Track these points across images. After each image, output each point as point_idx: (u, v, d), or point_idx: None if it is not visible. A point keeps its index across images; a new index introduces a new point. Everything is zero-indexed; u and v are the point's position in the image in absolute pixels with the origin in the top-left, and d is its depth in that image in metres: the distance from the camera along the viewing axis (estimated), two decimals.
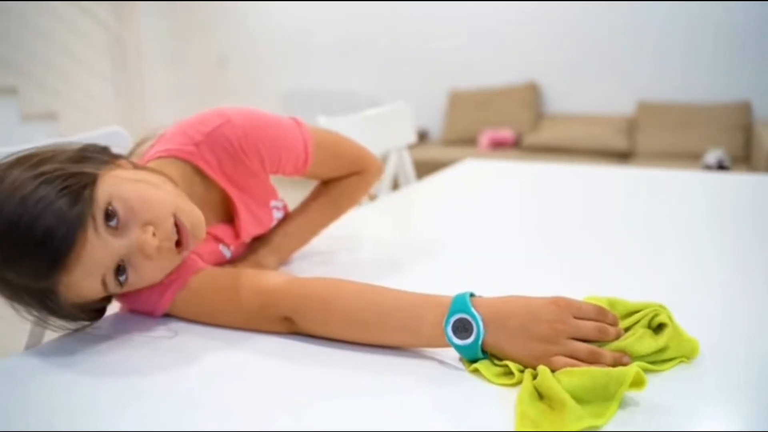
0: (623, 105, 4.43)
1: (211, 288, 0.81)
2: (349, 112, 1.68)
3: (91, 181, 0.72)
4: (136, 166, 0.82)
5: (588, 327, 0.66)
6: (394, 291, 0.74)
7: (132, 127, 2.35)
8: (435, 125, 4.97)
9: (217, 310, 0.81)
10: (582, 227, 1.27)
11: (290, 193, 1.10)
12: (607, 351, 0.65)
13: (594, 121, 4.40)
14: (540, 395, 0.61)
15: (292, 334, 0.77)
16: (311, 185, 1.08)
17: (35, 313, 0.74)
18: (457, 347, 0.68)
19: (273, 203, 0.99)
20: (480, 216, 1.38)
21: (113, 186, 0.74)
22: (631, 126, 4.29)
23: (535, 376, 0.63)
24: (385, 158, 1.71)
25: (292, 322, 0.76)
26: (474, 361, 0.67)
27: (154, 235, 0.74)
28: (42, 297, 0.71)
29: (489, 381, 0.65)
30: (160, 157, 0.86)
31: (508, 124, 4.55)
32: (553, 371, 0.62)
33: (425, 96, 4.99)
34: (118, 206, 0.73)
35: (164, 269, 0.79)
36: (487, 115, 4.64)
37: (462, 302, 0.68)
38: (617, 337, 0.67)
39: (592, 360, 0.64)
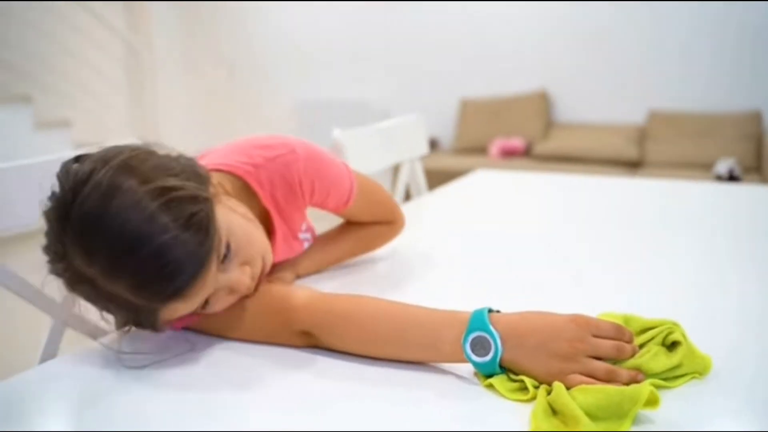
0: (634, 114, 4.43)
1: (232, 303, 0.82)
2: (360, 122, 1.70)
3: (211, 209, 0.72)
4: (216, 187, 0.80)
5: (606, 346, 0.67)
6: (414, 307, 0.75)
7: (144, 135, 2.37)
8: (446, 134, 4.98)
9: (237, 325, 0.81)
10: (594, 239, 1.27)
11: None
12: (623, 369, 0.66)
13: (605, 130, 4.40)
14: (554, 411, 0.62)
15: (309, 347, 0.79)
16: (331, 217, 1.09)
17: (118, 318, 0.75)
18: (475, 364, 0.69)
19: (302, 235, 1.02)
20: (492, 227, 1.38)
21: (227, 220, 0.74)
22: (642, 135, 4.28)
23: (549, 392, 0.64)
24: (397, 169, 1.73)
25: (311, 336, 0.78)
26: (490, 375, 0.68)
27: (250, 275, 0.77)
28: (141, 313, 0.71)
29: (504, 396, 0.66)
30: (217, 170, 0.87)
31: (519, 132, 4.55)
32: (568, 388, 0.63)
33: (436, 104, 5.00)
34: (232, 244, 0.75)
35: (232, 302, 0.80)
36: (498, 123, 4.65)
37: (480, 319, 0.69)
38: (633, 354, 0.68)
39: (609, 378, 0.65)
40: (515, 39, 4.76)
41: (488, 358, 0.68)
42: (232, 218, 0.76)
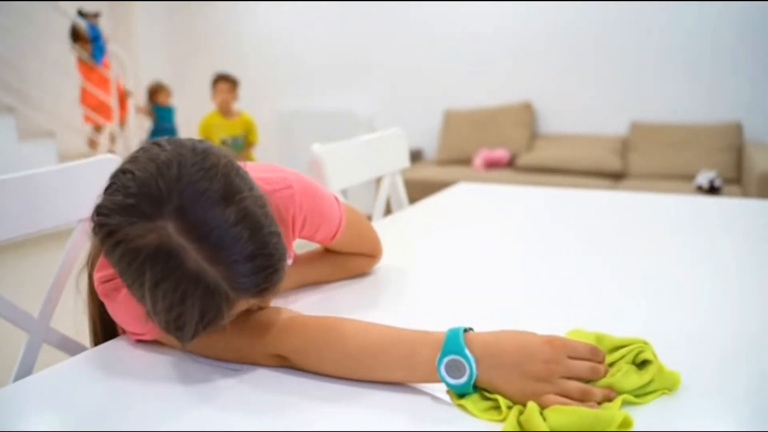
0: (617, 125, 4.47)
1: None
2: (344, 132, 1.70)
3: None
4: None
5: (582, 367, 0.68)
6: (388, 328, 0.76)
7: (130, 149, 2.37)
8: (430, 145, 5.00)
9: (209, 344, 0.80)
10: (574, 253, 1.28)
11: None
12: (596, 389, 0.67)
13: (588, 141, 4.43)
14: None
15: (281, 367, 0.78)
16: None
17: (163, 310, 0.69)
18: (450, 386, 0.69)
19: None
20: (472, 241, 1.39)
21: None
22: (624, 146, 4.32)
23: (522, 413, 0.65)
24: (378, 182, 1.73)
25: (285, 358, 0.77)
26: (462, 395, 0.69)
27: None
28: (214, 304, 0.68)
29: (476, 416, 0.66)
30: None
31: (503, 143, 4.58)
32: (543, 409, 0.64)
33: (420, 115, 5.03)
34: None
35: None
36: (482, 134, 4.67)
37: (455, 341, 0.69)
38: (605, 374, 0.69)
39: (583, 398, 0.66)
40: (500, 51, 4.80)
41: (463, 380, 0.68)
42: None
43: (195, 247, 0.66)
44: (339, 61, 5.36)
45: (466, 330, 0.71)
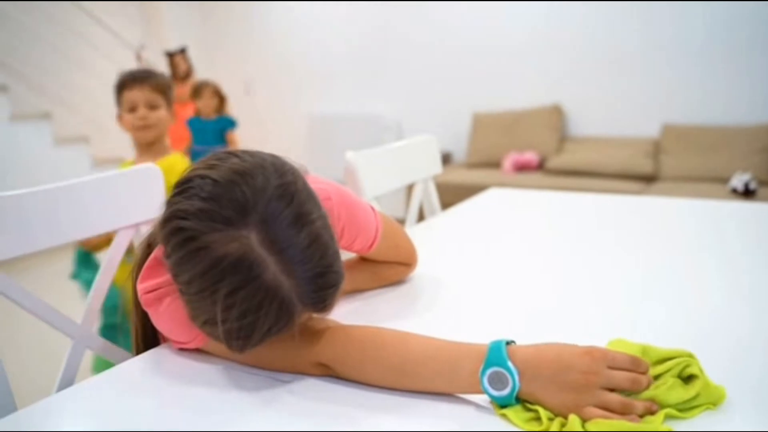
0: (648, 127, 4.42)
1: None
2: (373, 136, 1.70)
3: None
4: None
5: (621, 377, 0.67)
6: (431, 339, 0.76)
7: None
8: (459, 148, 4.99)
9: (255, 351, 0.79)
10: (609, 260, 1.27)
11: None
12: (638, 402, 0.67)
13: (619, 144, 4.39)
14: None
15: (324, 376, 0.79)
16: None
17: (234, 321, 0.70)
18: (492, 397, 0.69)
19: None
20: (506, 248, 1.39)
21: None
22: (656, 149, 4.27)
23: (564, 425, 0.65)
24: (411, 188, 1.74)
25: (328, 367, 0.78)
26: (504, 406, 0.69)
27: None
28: (286, 315, 0.71)
29: (518, 426, 0.67)
30: None
31: (533, 146, 4.56)
32: (584, 421, 0.64)
33: (449, 118, 5.02)
34: None
35: None
36: (511, 137, 4.66)
37: (498, 354, 0.69)
38: (648, 386, 0.68)
39: (624, 411, 0.65)
40: (528, 53, 4.77)
41: (506, 392, 0.68)
42: None
43: (274, 260, 0.69)
44: (367, 65, 5.37)
45: (508, 343, 0.71)
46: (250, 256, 0.68)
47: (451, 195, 2.82)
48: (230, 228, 0.68)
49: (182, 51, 5.01)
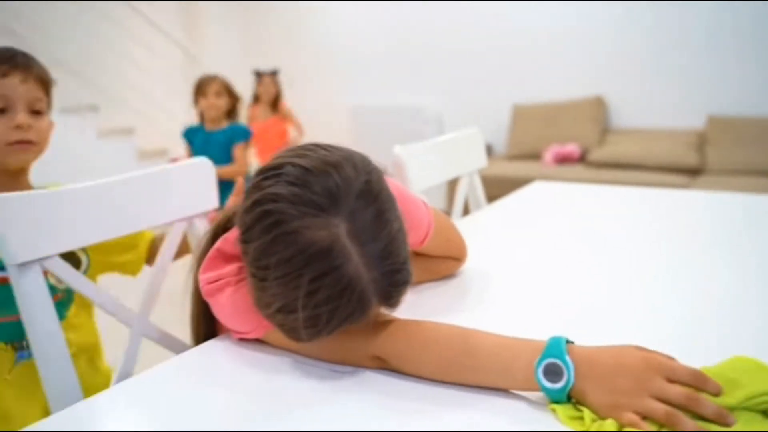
0: (693, 119, 4.34)
1: None
2: (413, 128, 1.72)
3: None
4: None
5: (674, 391, 0.64)
6: (488, 335, 0.77)
7: None
8: (499, 140, 4.97)
9: (314, 342, 0.81)
10: (657, 255, 1.26)
11: None
12: (687, 418, 0.62)
13: (662, 136, 4.33)
14: None
15: (380, 369, 0.81)
16: None
17: (310, 311, 0.72)
18: (545, 389, 0.69)
19: None
20: (552, 242, 1.39)
21: None
22: (701, 140, 4.19)
23: (601, 427, 0.64)
24: (455, 182, 1.75)
25: (383, 360, 0.80)
26: (556, 402, 0.70)
27: None
28: (361, 307, 0.73)
29: (563, 422, 0.67)
30: None
31: (574, 138, 4.51)
32: (621, 426, 0.63)
33: (490, 110, 5.00)
34: None
35: None
36: (552, 129, 4.62)
37: (557, 347, 0.69)
38: (712, 411, 0.63)
39: (668, 422, 0.62)
40: (570, 44, 4.72)
41: (559, 385, 0.68)
42: None
43: (358, 251, 0.71)
44: (409, 57, 5.37)
45: (567, 341, 0.71)
46: (338, 244, 0.70)
47: (492, 187, 2.81)
48: (321, 215, 0.70)
49: (273, 73, 4.62)
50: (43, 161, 1.33)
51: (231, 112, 3.31)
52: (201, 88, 3.29)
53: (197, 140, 3.30)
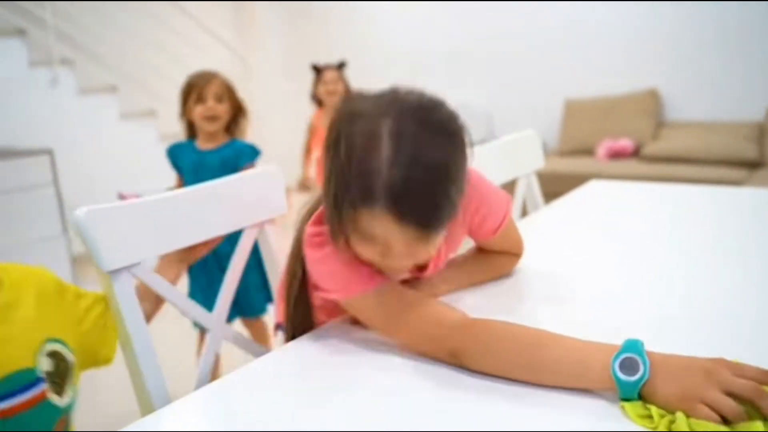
0: (751, 110, 4.24)
1: (397, 301, 0.91)
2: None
3: None
4: None
5: (741, 383, 0.67)
6: (563, 336, 0.80)
7: (251, 138, 2.47)
8: (550, 136, 4.94)
9: (393, 324, 0.90)
10: (719, 257, 1.26)
11: None
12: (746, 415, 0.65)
13: (720, 129, 4.24)
14: None
15: (453, 365, 0.85)
16: None
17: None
18: (620, 382, 0.72)
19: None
20: (612, 243, 1.40)
21: None
22: (760, 133, 4.09)
23: (672, 422, 0.67)
24: (513, 183, 1.77)
25: (458, 356, 0.84)
26: (626, 399, 0.72)
27: None
28: (366, 189, 0.80)
29: (632, 420, 0.70)
30: None
31: (627, 133, 4.45)
32: (690, 419, 0.66)
33: (540, 106, 4.97)
34: None
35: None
36: (605, 124, 4.57)
37: (635, 345, 0.73)
38: None
39: (732, 418, 0.65)
40: (622, 36, 4.66)
41: (634, 378, 0.71)
42: None
43: (392, 146, 0.80)
44: (456, 53, 5.37)
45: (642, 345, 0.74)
46: (377, 130, 0.81)
47: (544, 184, 2.81)
48: (379, 116, 0.83)
49: (339, 66, 3.69)
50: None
51: (232, 125, 2.38)
52: (194, 90, 2.31)
53: (186, 161, 2.34)
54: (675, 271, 1.21)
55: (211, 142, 2.32)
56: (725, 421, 0.66)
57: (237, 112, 2.37)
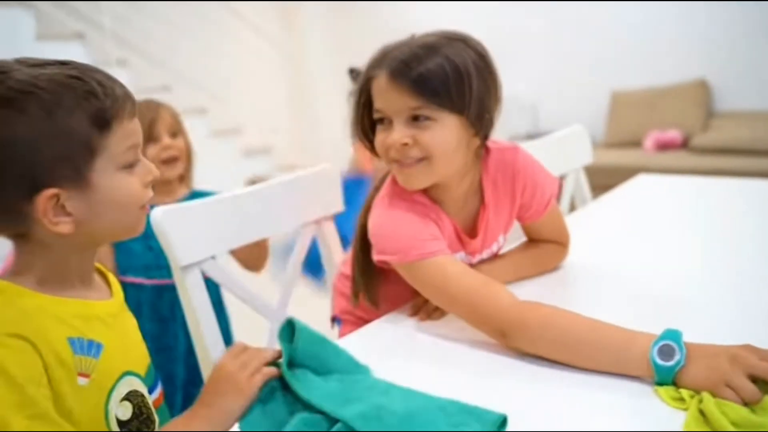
0: None
1: (454, 273, 0.97)
2: (509, 116, 1.76)
3: None
4: None
5: (764, 366, 0.73)
6: (607, 324, 0.86)
7: (302, 136, 2.54)
8: (597, 127, 4.89)
9: (447, 296, 0.97)
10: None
11: None
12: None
13: None
14: (705, 418, 0.71)
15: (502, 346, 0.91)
16: None
17: None
18: (657, 366, 0.78)
19: (495, 245, 1.16)
20: (660, 238, 1.42)
21: None
22: None
23: (701, 401, 0.73)
24: (562, 179, 1.80)
25: (506, 336, 0.90)
26: (661, 384, 0.78)
27: None
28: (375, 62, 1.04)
29: (665, 402, 0.75)
30: None
31: (675, 124, 4.40)
32: (716, 399, 0.72)
33: (586, 97, 4.93)
34: None
35: None
36: (652, 115, 4.51)
37: (674, 333, 0.80)
38: None
39: (750, 401, 0.71)
40: (670, 25, 4.58)
41: (670, 363, 0.77)
42: None
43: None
44: (501, 43, 5.35)
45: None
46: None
47: (591, 176, 2.82)
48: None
49: None
50: None
51: (186, 173, 1.73)
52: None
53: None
54: (723, 267, 1.23)
55: (168, 195, 1.65)
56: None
57: (189, 151, 1.73)
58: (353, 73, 3.71)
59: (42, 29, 3.96)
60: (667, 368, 0.77)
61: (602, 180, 2.66)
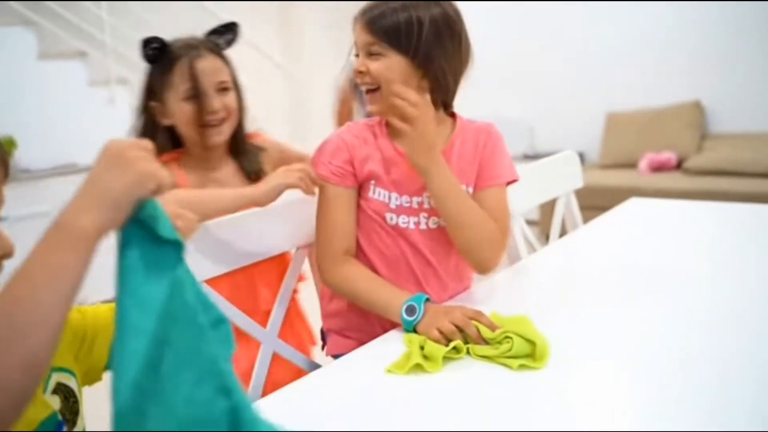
0: None
1: (331, 203, 1.26)
2: (507, 139, 1.77)
3: None
4: None
5: (459, 316, 1.05)
6: (385, 287, 1.20)
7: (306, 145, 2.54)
8: (591, 148, 4.93)
9: (318, 215, 1.28)
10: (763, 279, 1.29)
11: None
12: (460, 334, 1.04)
13: (766, 140, 4.18)
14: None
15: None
16: None
17: None
18: (403, 319, 1.11)
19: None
20: (650, 264, 1.42)
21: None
22: None
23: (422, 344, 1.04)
24: (552, 203, 1.82)
25: (320, 271, 1.25)
26: (408, 332, 1.10)
27: None
28: None
29: (405, 344, 1.05)
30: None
31: (670, 145, 4.43)
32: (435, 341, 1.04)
33: (581, 119, 4.97)
34: None
35: None
36: (647, 137, 4.55)
37: (418, 298, 1.11)
38: (475, 335, 1.03)
39: (448, 335, 1.04)
40: (665, 47, 4.63)
41: (411, 318, 1.09)
42: None
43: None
44: (496, 66, 5.40)
45: (426, 299, 1.11)
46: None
47: (585, 198, 2.84)
48: None
49: None
50: None
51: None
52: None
53: None
54: (716, 293, 1.24)
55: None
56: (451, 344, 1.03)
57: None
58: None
59: (44, 48, 4.00)
60: (409, 321, 1.10)
61: (597, 201, 2.69)
